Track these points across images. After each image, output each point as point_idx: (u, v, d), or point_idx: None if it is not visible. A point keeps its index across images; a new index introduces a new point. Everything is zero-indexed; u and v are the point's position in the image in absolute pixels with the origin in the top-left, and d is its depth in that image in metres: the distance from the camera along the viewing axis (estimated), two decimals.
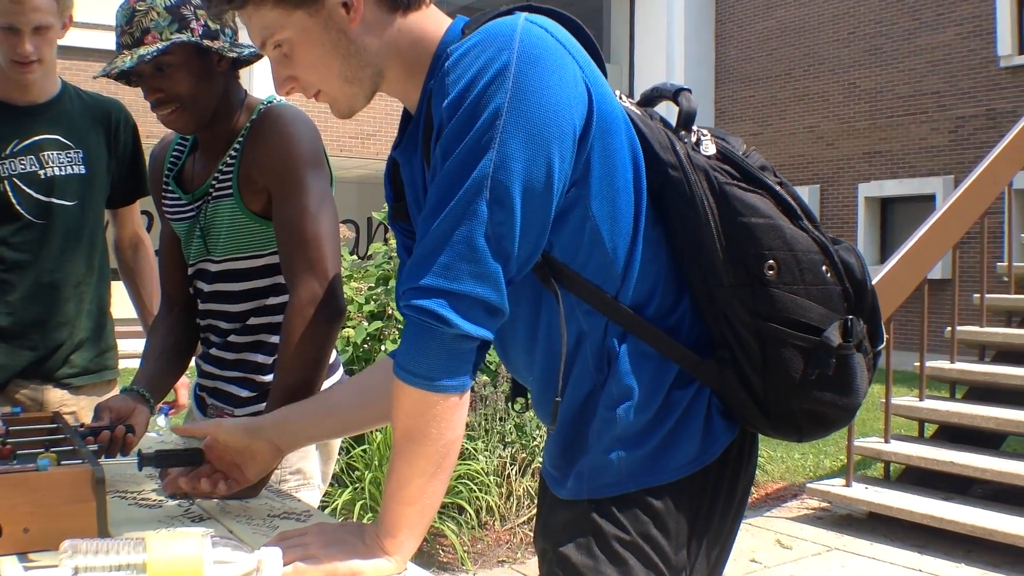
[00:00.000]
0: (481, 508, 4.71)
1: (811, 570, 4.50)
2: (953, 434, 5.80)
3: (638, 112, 1.46)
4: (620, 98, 1.47)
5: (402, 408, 1.32)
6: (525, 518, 4.85)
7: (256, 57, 2.02)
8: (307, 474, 2.17)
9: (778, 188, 1.45)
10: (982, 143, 13.16)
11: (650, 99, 1.57)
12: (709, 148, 1.45)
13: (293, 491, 2.09)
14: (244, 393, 2.14)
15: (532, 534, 1.65)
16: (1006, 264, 6.62)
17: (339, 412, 1.71)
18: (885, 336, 1.56)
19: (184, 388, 2.89)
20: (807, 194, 15.25)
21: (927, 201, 13.86)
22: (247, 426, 1.70)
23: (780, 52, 16.33)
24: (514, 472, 4.93)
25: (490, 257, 1.27)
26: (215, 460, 1.70)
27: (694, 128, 1.48)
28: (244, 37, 1.72)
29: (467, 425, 4.88)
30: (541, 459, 1.62)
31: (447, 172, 1.28)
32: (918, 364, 5.88)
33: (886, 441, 5.63)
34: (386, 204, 1.66)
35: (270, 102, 2.08)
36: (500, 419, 4.99)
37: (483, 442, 4.90)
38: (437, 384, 1.29)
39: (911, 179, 14.29)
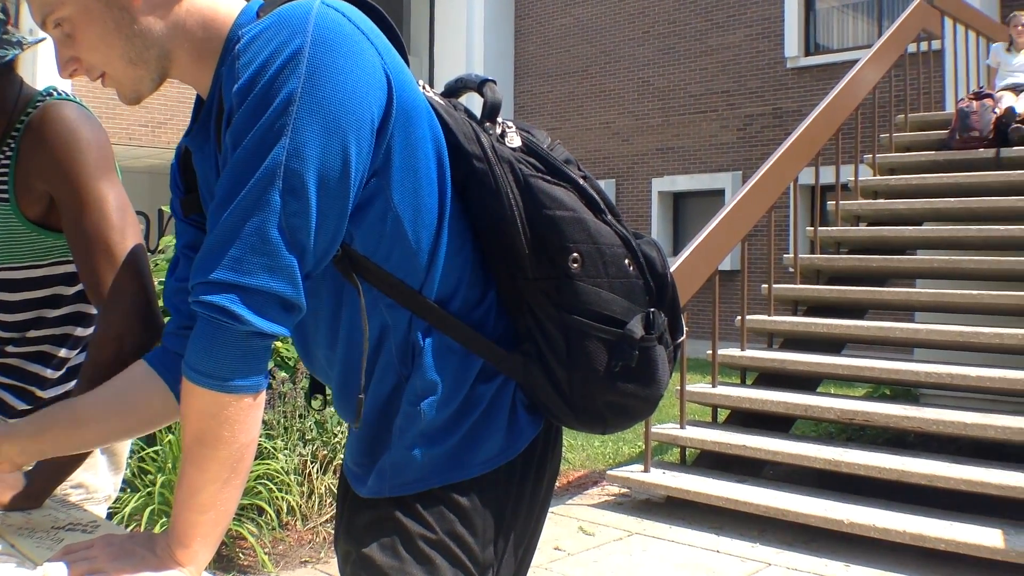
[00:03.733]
0: (282, 508, 4.59)
1: (614, 555, 4.58)
2: (745, 419, 6.03)
3: (442, 103, 1.44)
4: (424, 88, 1.43)
5: (192, 411, 1.24)
6: (328, 517, 4.76)
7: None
8: (91, 488, 2.03)
9: (582, 182, 1.45)
10: (769, 140, 13.78)
11: (455, 90, 1.55)
12: (514, 140, 1.44)
13: None
14: (20, 405, 1.99)
15: (335, 533, 1.59)
16: (792, 256, 6.93)
17: (88, 424, 1.53)
18: (685, 329, 1.59)
19: None
20: (603, 188, 15.60)
21: (717, 196, 14.42)
22: None
23: (578, 49, 16.65)
24: (315, 470, 4.84)
25: (284, 249, 1.21)
26: None
27: (499, 120, 1.46)
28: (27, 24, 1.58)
29: (266, 423, 4.77)
30: (343, 456, 1.57)
31: (238, 160, 1.22)
32: (711, 352, 6.09)
33: (682, 427, 5.79)
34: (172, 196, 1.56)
35: (48, 94, 1.87)
36: (300, 416, 4.88)
37: (283, 440, 4.77)
38: (229, 384, 1.22)
39: (702, 174, 14.82)
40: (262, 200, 1.20)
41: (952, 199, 6.99)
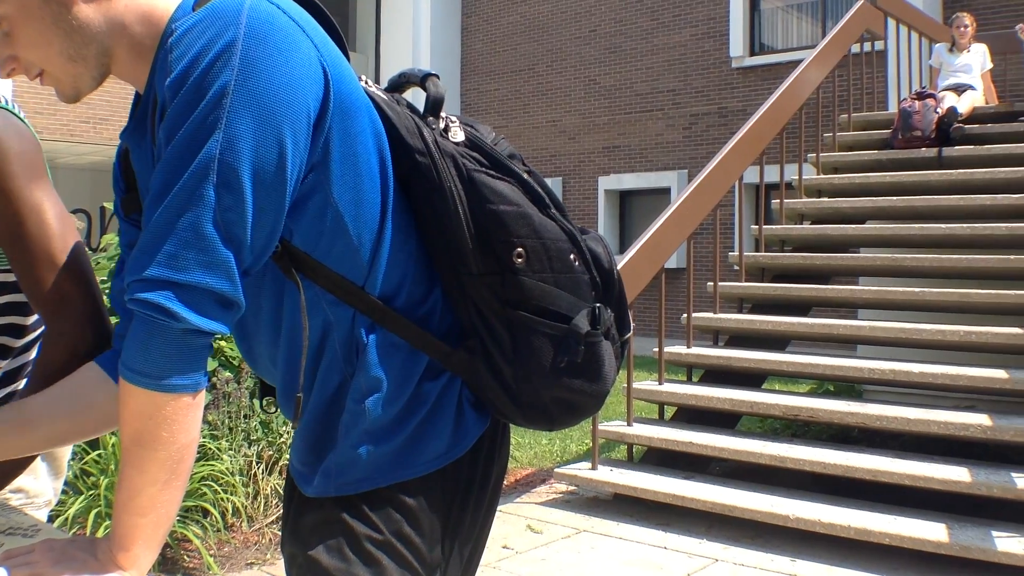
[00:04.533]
0: (227, 510, 4.53)
1: (562, 553, 4.58)
2: (691, 416, 6.06)
3: (384, 97, 1.42)
4: (366, 83, 1.42)
5: (129, 411, 1.22)
6: (274, 518, 4.70)
7: None
8: (31, 492, 1.98)
9: (526, 177, 1.44)
10: (715, 139, 13.87)
11: (397, 85, 1.53)
12: (458, 135, 1.43)
13: None
14: None
15: (281, 535, 1.56)
16: (737, 254, 6.97)
17: (37, 426, 1.49)
18: (632, 325, 1.58)
19: None
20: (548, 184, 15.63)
21: (663, 194, 14.49)
22: None
23: (524, 47, 16.65)
24: (261, 471, 4.78)
25: (220, 245, 1.19)
26: None
27: (442, 115, 1.45)
28: None
29: (210, 423, 4.70)
30: (289, 456, 1.54)
31: (171, 155, 1.20)
32: (657, 349, 6.11)
33: (629, 424, 5.81)
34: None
35: None
36: (244, 416, 4.82)
37: (227, 441, 4.71)
38: (166, 383, 1.20)
39: (648, 173, 14.89)
40: (196, 195, 1.18)
41: (894, 198, 7.08)
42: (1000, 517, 4.57)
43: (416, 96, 1.46)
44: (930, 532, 4.34)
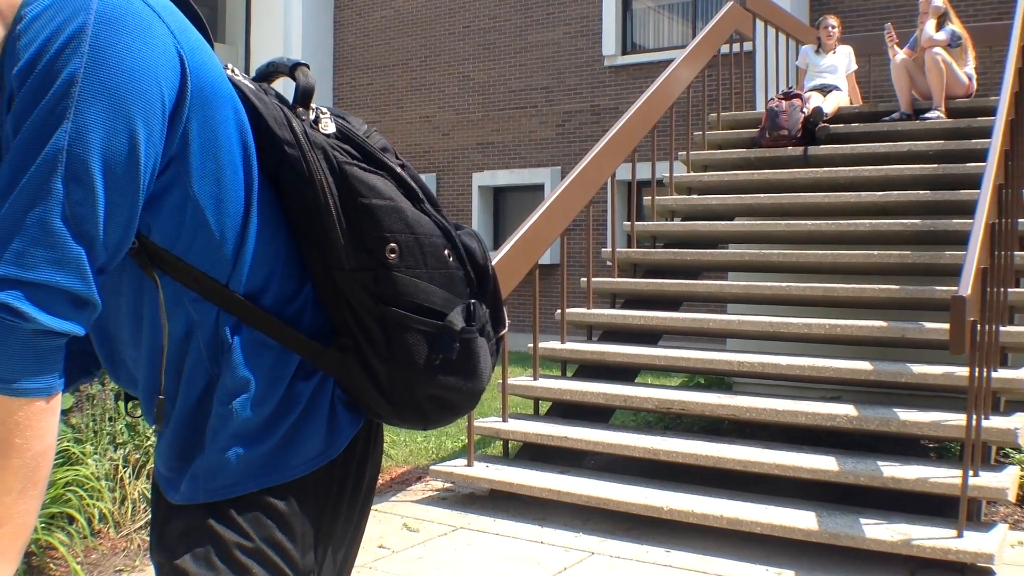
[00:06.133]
0: (93, 516, 4.37)
1: (439, 551, 4.54)
2: (566, 410, 6.09)
3: (251, 87, 1.37)
4: (233, 72, 1.37)
5: None
6: (143, 523, 4.56)
7: None
8: None
9: (400, 170, 1.41)
10: (587, 137, 14.02)
11: (266, 75, 1.49)
12: (328, 127, 1.39)
13: None
14: None
15: (150, 542, 1.50)
16: (610, 250, 7.04)
17: None
18: (507, 321, 1.57)
19: None
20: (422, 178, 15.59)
21: (537, 191, 14.59)
22: None
23: (398, 42, 16.55)
24: (128, 475, 4.62)
25: (70, 241, 1.13)
26: None
27: (313, 105, 1.41)
28: None
29: (74, 427, 4.53)
30: (154, 461, 1.48)
31: (18, 147, 1.14)
32: (532, 345, 6.12)
33: (504, 420, 5.80)
34: None
35: None
36: (110, 419, 4.66)
37: (92, 445, 4.54)
38: (17, 387, 1.12)
39: (522, 169, 14.96)
40: (44, 189, 1.12)
41: (762, 195, 7.24)
42: (867, 504, 4.72)
43: (286, 87, 1.42)
44: (800, 520, 4.44)
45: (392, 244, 1.34)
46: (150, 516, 1.53)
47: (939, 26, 7.93)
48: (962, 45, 7.87)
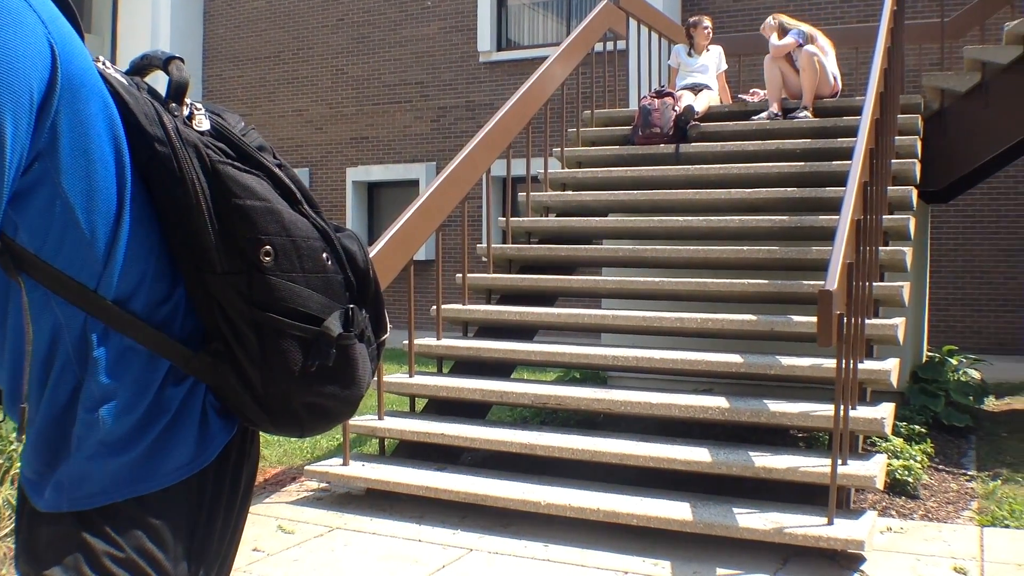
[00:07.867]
0: None
1: (315, 552, 4.47)
2: (442, 407, 6.07)
3: (122, 80, 1.32)
4: (104, 64, 1.31)
5: None
6: (7, 531, 4.37)
7: None
8: None
9: (277, 170, 1.37)
10: (462, 132, 14.00)
11: (140, 68, 1.43)
12: (203, 123, 1.34)
13: None
14: None
15: (15, 551, 1.43)
16: (485, 246, 7.04)
17: None
18: (389, 326, 1.54)
19: None
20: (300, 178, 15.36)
21: (412, 186, 14.51)
22: None
23: (270, 34, 16.26)
24: None
25: None
26: None
27: (187, 101, 1.36)
28: None
29: None
30: (20, 464, 1.42)
31: None
32: (407, 342, 6.08)
33: (380, 418, 5.75)
34: None
35: None
36: None
37: None
38: None
39: (396, 165, 14.87)
40: None
41: (635, 191, 7.33)
42: (740, 494, 4.82)
43: (159, 80, 1.36)
44: (675, 511, 4.51)
45: (267, 247, 1.30)
46: (14, 523, 1.46)
47: (782, 36, 8.19)
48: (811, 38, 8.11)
